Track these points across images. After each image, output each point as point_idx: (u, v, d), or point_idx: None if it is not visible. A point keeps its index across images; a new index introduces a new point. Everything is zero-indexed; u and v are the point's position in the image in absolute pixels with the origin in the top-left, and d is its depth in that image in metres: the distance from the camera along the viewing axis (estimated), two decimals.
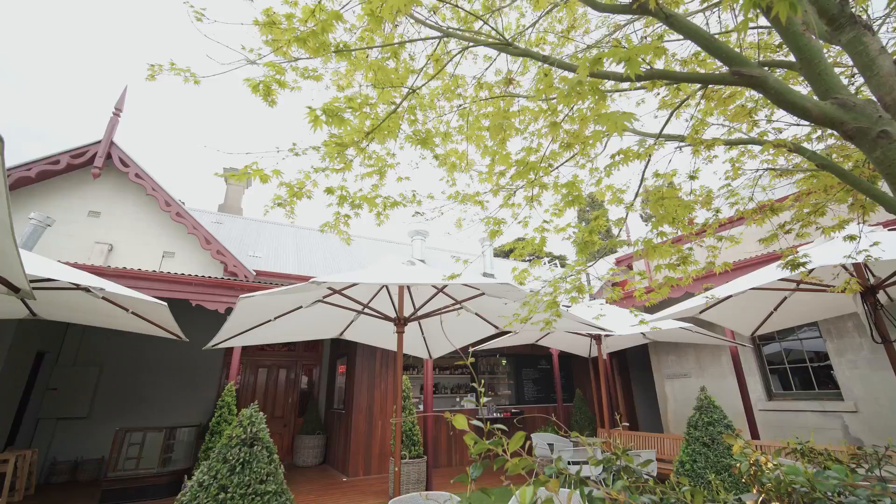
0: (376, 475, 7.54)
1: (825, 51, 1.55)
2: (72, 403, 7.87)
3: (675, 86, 1.88)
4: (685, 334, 6.57)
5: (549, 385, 10.30)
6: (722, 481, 3.42)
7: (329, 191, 1.65)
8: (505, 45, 1.38)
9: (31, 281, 3.55)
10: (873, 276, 4.37)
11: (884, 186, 1.84)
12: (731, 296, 4.62)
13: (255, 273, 9.42)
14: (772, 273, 3.69)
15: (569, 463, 4.71)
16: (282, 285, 6.99)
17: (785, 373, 7.70)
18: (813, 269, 4.15)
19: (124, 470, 6.36)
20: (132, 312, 4.81)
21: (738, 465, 1.88)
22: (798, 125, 1.95)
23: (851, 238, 2.02)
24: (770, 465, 1.83)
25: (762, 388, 7.63)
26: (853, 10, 1.30)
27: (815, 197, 1.96)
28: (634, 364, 11.06)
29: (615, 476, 1.43)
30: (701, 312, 5.33)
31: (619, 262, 10.69)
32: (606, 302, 6.78)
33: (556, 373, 9.17)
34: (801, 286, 4.62)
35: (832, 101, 1.07)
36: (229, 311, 6.22)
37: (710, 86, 1.49)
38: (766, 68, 1.24)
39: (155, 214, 9.22)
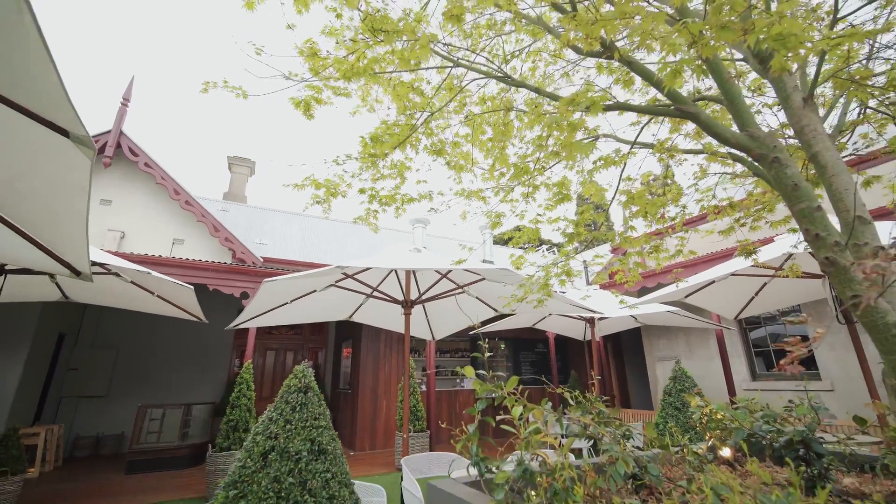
0: (381, 450, 8.07)
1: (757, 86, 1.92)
2: (91, 383, 8.34)
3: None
4: (674, 318, 7.02)
5: (545, 367, 10.80)
6: (684, 434, 3.89)
7: (362, 191, 2.04)
8: (504, 77, 1.74)
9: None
10: None
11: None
12: (713, 281, 5.04)
13: (262, 259, 9.81)
14: (748, 261, 4.10)
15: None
16: (289, 271, 7.40)
17: (769, 355, 8.18)
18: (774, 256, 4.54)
19: (147, 443, 6.85)
20: (157, 295, 5.22)
21: (693, 415, 2.32)
22: None
23: (793, 230, 2.41)
24: (719, 415, 2.27)
25: (747, 369, 8.12)
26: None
27: (768, 196, 2.34)
28: (628, 347, 11.56)
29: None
30: (686, 297, 5.76)
31: (614, 250, 11.10)
32: (600, 287, 7.22)
33: (552, 355, 9.67)
34: (777, 272, 5.04)
35: (745, 133, 1.44)
36: (244, 295, 6.65)
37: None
38: (706, 101, 1.62)
39: (164, 202, 9.56)
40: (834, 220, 1.60)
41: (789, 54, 1.38)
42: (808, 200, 1.34)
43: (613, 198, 2.30)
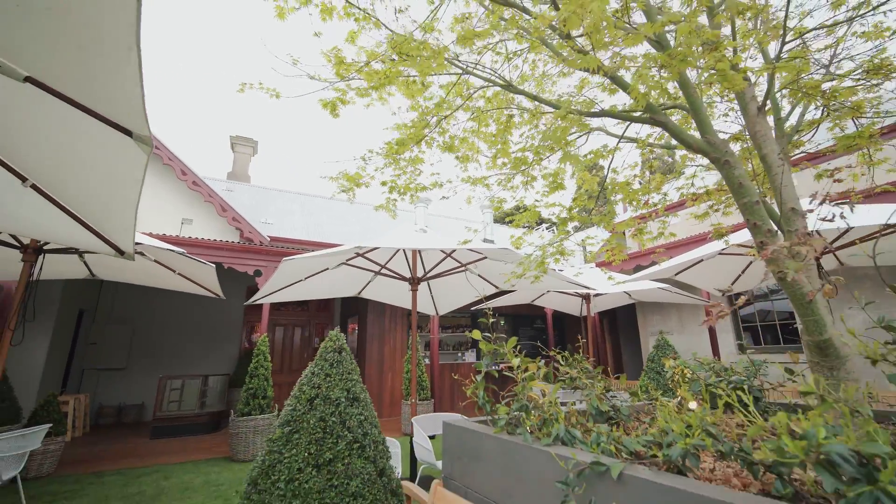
0: (388, 418, 8.63)
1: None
2: (111, 356, 8.83)
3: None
4: (666, 295, 7.43)
5: (543, 342, 11.32)
6: (662, 393, 4.36)
7: (383, 183, 2.37)
8: (507, 85, 2.04)
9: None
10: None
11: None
12: (702, 259, 5.41)
13: (269, 238, 10.15)
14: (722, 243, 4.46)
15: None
16: (296, 249, 7.76)
17: (756, 330, 8.66)
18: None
19: (168, 411, 7.38)
20: (178, 273, 5.59)
21: (667, 374, 2.72)
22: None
23: None
24: (687, 372, 2.67)
25: (734, 342, 8.61)
26: (741, 67, 1.98)
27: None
28: (624, 323, 12.07)
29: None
30: (676, 274, 6.14)
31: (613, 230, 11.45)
32: (596, 265, 7.60)
33: (549, 331, 10.15)
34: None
35: (704, 139, 1.76)
36: (257, 273, 7.03)
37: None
38: (677, 108, 1.94)
39: (172, 183, 9.83)
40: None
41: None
42: (750, 196, 1.68)
43: (602, 188, 2.64)
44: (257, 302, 5.23)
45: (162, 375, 7.45)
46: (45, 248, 4.39)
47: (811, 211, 1.97)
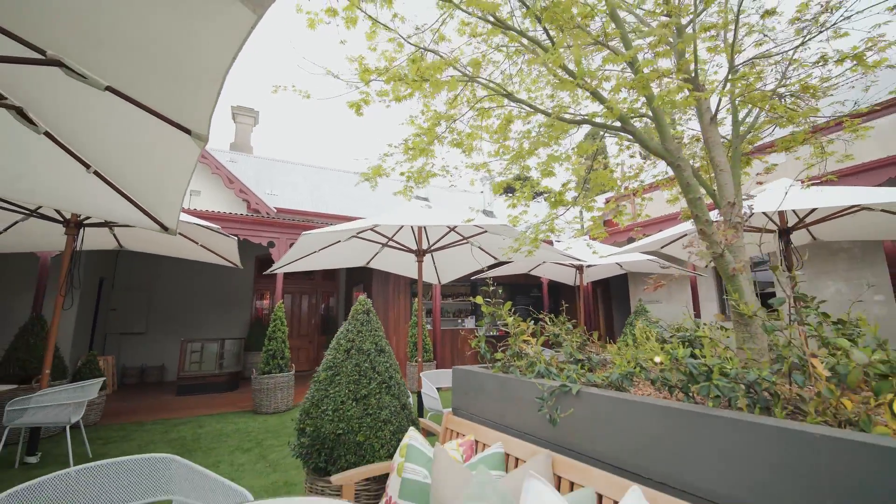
0: None
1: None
2: (131, 321, 9.46)
3: None
4: (653, 266, 7.99)
5: (539, 310, 12.00)
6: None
7: (402, 174, 2.83)
8: (508, 95, 2.47)
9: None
10: (784, 219, 5.66)
11: None
12: (685, 234, 5.92)
13: (275, 210, 10.58)
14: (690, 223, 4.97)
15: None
16: (301, 221, 8.22)
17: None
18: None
19: (190, 371, 8.06)
20: (201, 245, 6.10)
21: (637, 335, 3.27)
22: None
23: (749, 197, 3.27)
24: (650, 333, 3.23)
25: (718, 311, 9.26)
26: (699, 80, 2.42)
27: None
28: (616, 292, 12.72)
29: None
30: (662, 247, 6.67)
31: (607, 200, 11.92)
32: (590, 238, 8.11)
33: (545, 299, 10.79)
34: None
35: (663, 146, 2.22)
36: (270, 244, 7.53)
37: None
38: (643, 117, 2.39)
39: None
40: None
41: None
42: (694, 193, 2.15)
43: (587, 178, 3.11)
44: (276, 272, 5.76)
45: (183, 339, 8.09)
46: (84, 222, 4.87)
47: (752, 196, 2.48)
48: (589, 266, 8.21)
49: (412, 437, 2.01)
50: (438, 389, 4.94)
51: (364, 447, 2.33)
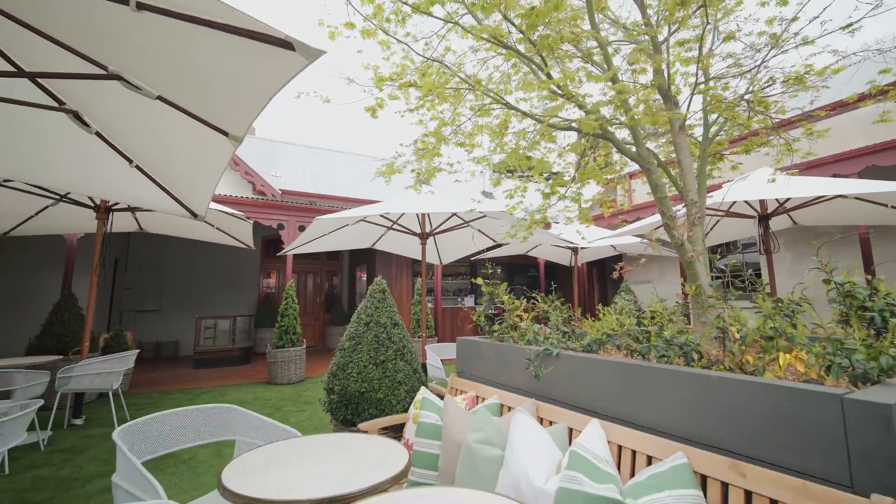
0: None
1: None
2: (145, 299, 9.96)
3: None
4: (645, 248, 8.45)
5: (536, 290, 12.53)
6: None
7: (413, 171, 3.24)
8: (506, 104, 2.85)
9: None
10: (766, 206, 6.10)
11: None
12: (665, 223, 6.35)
13: (280, 192, 10.93)
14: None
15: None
16: (307, 204, 8.62)
17: (729, 280, 9.79)
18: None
19: (205, 346, 8.61)
20: (216, 227, 6.52)
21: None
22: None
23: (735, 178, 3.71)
24: (629, 308, 3.70)
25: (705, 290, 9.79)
26: (672, 94, 2.82)
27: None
28: (612, 272, 13.24)
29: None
30: (654, 229, 7.11)
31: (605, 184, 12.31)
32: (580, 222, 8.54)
33: (542, 279, 11.30)
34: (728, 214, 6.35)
35: (636, 151, 2.62)
36: (280, 226, 7.96)
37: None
38: (621, 125, 2.81)
39: None
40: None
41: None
42: (661, 192, 2.58)
43: (576, 173, 3.53)
44: (290, 253, 6.21)
45: (198, 315, 8.60)
46: (113, 207, 5.29)
47: (718, 187, 2.92)
48: (583, 248, 8.67)
49: (425, 392, 2.50)
50: (441, 361, 5.47)
51: (384, 402, 2.83)
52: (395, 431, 2.85)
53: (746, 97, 2.77)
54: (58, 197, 5.17)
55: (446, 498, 1.35)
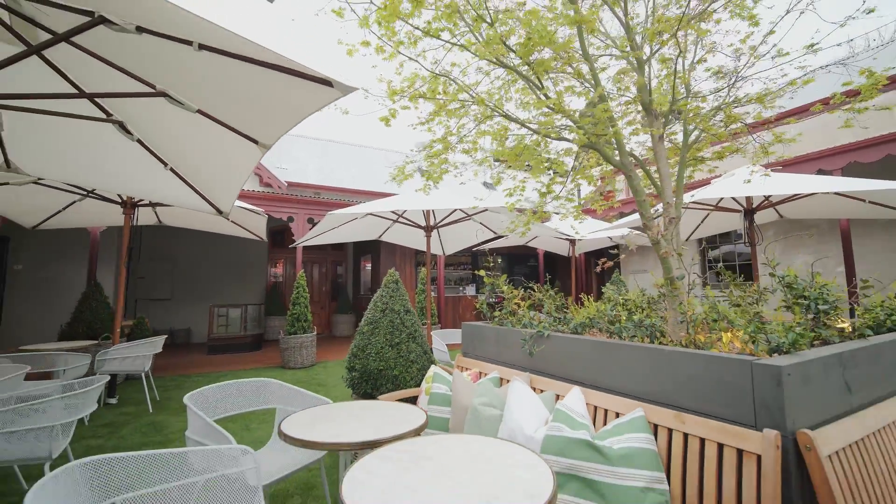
0: None
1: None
2: (157, 288, 10.41)
3: None
4: (641, 238, 8.86)
5: (535, 280, 12.98)
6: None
7: (422, 173, 3.64)
8: (505, 115, 3.24)
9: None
10: (751, 201, 6.49)
11: None
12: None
13: (286, 184, 11.30)
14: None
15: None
16: (313, 196, 9.00)
17: (716, 271, 10.22)
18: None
19: (218, 333, 9.08)
20: (231, 220, 6.92)
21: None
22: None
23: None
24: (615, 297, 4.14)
25: (697, 279, 10.23)
26: (653, 107, 3.21)
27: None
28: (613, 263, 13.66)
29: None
30: (633, 231, 7.51)
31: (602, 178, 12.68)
32: (583, 212, 8.95)
33: (541, 269, 11.74)
34: (718, 207, 6.75)
35: (619, 160, 3.02)
36: (290, 219, 8.36)
37: None
38: (606, 135, 3.20)
39: None
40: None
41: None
42: (641, 196, 2.98)
43: (570, 172, 3.94)
44: (303, 244, 6.63)
45: (211, 304, 9.06)
46: (138, 203, 5.69)
47: (707, 182, 3.32)
48: (579, 239, 9.09)
49: (436, 369, 2.95)
50: (445, 345, 5.92)
51: (399, 379, 3.28)
52: (409, 403, 3.30)
53: (718, 116, 3.16)
54: (84, 192, 5.57)
55: (459, 439, 1.80)
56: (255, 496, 1.81)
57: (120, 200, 5.59)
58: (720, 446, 1.62)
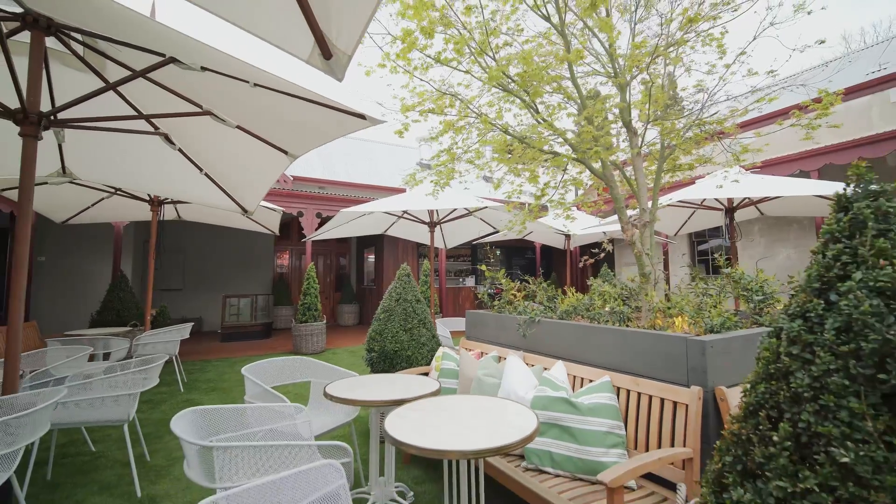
0: None
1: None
2: (170, 279, 10.95)
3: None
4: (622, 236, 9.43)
5: (532, 271, 13.57)
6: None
7: (432, 181, 4.17)
8: (505, 131, 3.77)
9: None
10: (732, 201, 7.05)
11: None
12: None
13: (292, 178, 11.78)
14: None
15: None
16: (316, 189, 9.49)
17: (708, 263, 10.82)
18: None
19: (230, 322, 9.65)
20: (247, 216, 7.43)
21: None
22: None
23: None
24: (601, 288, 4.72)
25: (688, 272, 10.83)
26: (633, 126, 3.75)
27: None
28: (601, 254, 14.26)
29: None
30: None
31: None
32: (577, 208, 9.49)
33: (538, 261, 12.31)
34: (702, 205, 7.31)
35: (603, 172, 3.54)
36: (300, 213, 8.88)
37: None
38: (594, 150, 3.74)
39: None
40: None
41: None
42: (619, 203, 3.52)
43: (561, 179, 4.48)
44: (316, 238, 7.16)
45: (224, 294, 9.61)
46: (164, 201, 6.21)
47: (691, 182, 3.88)
48: (573, 234, 9.65)
49: (445, 349, 3.52)
50: (449, 332, 6.50)
51: (412, 359, 3.86)
52: None
53: (687, 134, 3.71)
54: (112, 190, 6.07)
55: (467, 397, 2.37)
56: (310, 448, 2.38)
57: (148, 198, 6.10)
58: (662, 400, 2.20)
